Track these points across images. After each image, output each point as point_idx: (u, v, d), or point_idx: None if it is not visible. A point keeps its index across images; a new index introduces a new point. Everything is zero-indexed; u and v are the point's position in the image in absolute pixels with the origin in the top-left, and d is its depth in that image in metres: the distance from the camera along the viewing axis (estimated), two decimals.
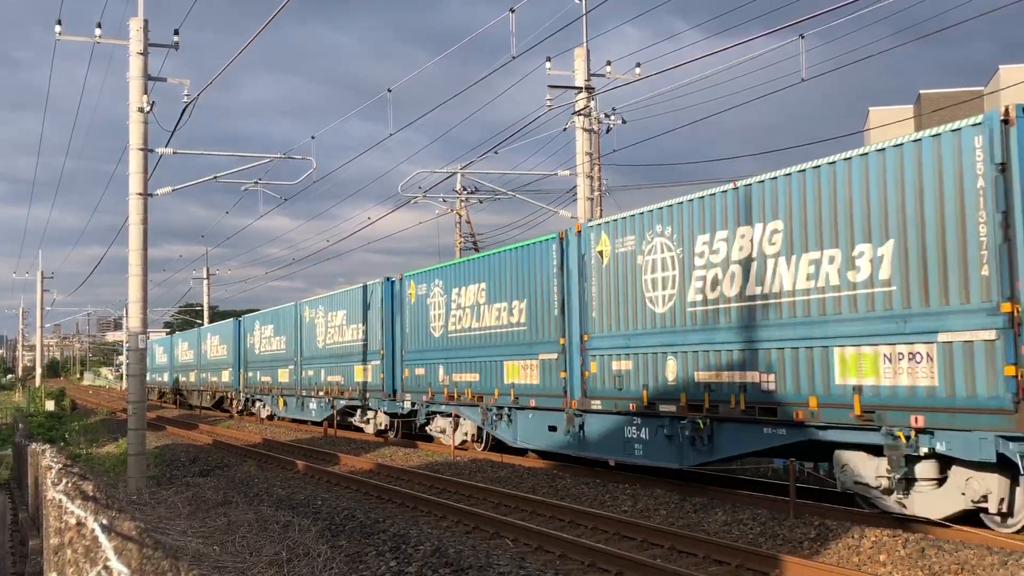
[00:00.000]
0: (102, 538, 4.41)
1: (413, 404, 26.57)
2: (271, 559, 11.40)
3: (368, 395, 29.83)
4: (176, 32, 20.95)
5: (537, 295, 20.38)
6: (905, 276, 12.14)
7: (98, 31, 20.94)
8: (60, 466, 9.65)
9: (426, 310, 25.74)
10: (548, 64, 25.19)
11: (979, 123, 11.26)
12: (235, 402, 46.37)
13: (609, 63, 25.74)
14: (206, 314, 71.35)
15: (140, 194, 21.03)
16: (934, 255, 11.80)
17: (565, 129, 25.97)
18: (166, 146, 22.04)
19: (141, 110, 20.88)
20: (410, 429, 28.47)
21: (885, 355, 12.33)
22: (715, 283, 15.21)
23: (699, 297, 15.59)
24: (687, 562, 11.72)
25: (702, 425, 15.29)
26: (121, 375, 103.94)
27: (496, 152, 31.18)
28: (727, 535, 12.88)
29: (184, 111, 20.93)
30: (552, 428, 19.80)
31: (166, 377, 65.68)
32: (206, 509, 16.37)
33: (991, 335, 11.05)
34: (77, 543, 5.26)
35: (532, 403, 20.45)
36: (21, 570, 12.35)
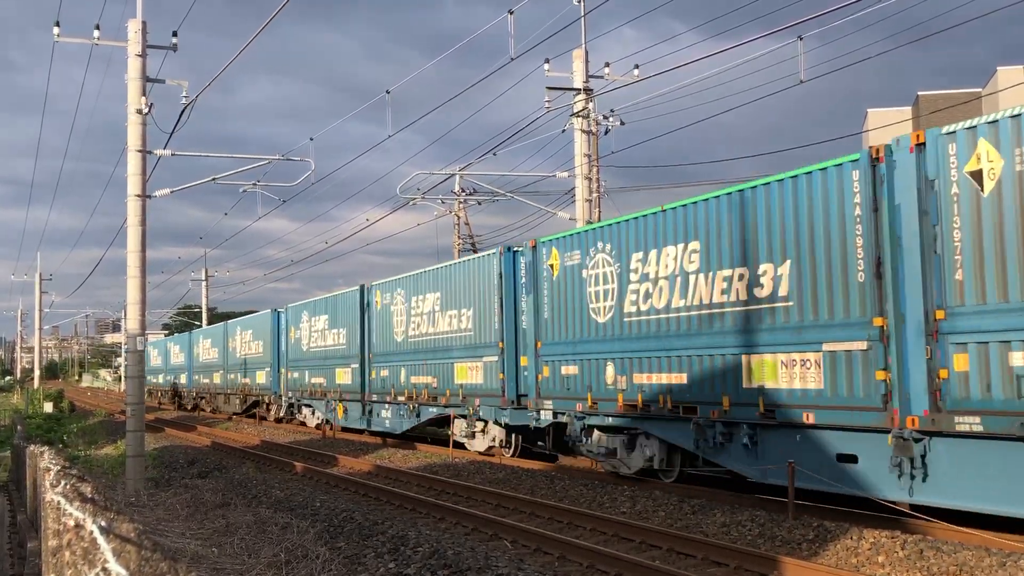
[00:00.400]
0: (100, 540, 4.41)
1: (556, 415, 20.02)
2: (270, 561, 11.39)
3: (478, 401, 23.01)
4: (175, 34, 20.96)
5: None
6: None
7: (96, 33, 20.94)
8: (58, 468, 9.65)
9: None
10: (547, 66, 25.21)
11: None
12: (274, 407, 40.26)
13: (608, 65, 25.76)
14: (204, 315, 71.35)
15: (139, 196, 21.03)
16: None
17: (563, 131, 26.00)
18: (165, 148, 22.04)
19: (140, 112, 20.88)
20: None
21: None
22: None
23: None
24: (686, 563, 11.72)
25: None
26: (120, 377, 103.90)
27: (495, 154, 31.24)
28: (725, 536, 12.88)
29: (183, 113, 20.94)
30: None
31: (183, 379, 59.08)
32: (205, 511, 16.36)
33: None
34: (76, 545, 5.26)
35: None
36: (20, 572, 12.35)
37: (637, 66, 25.45)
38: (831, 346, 13.16)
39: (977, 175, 11.31)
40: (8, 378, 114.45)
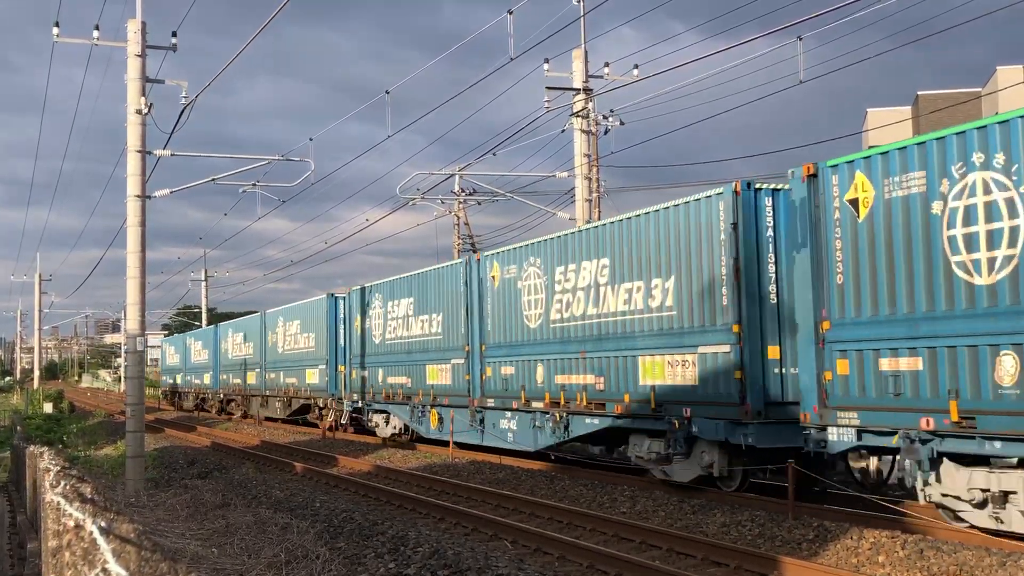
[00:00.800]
0: (100, 540, 4.41)
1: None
2: (270, 561, 11.39)
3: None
4: (174, 34, 20.95)
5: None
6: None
7: (96, 33, 20.93)
8: (58, 468, 9.65)
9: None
10: (546, 66, 25.20)
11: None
12: (330, 413, 33.25)
13: (607, 65, 25.76)
14: (204, 316, 71.36)
15: (138, 196, 21.02)
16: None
17: (563, 131, 26.00)
18: (164, 148, 22.04)
19: (139, 112, 20.88)
20: None
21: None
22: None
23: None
24: (686, 563, 11.72)
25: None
26: (119, 377, 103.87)
27: (494, 154, 31.25)
28: (726, 536, 12.88)
29: (182, 113, 20.94)
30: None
31: (207, 379, 51.38)
32: (204, 511, 16.35)
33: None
34: (75, 545, 5.26)
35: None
36: (19, 572, 12.34)
37: (636, 66, 25.46)
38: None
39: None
40: (8, 378, 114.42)
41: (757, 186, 15.08)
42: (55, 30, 20.60)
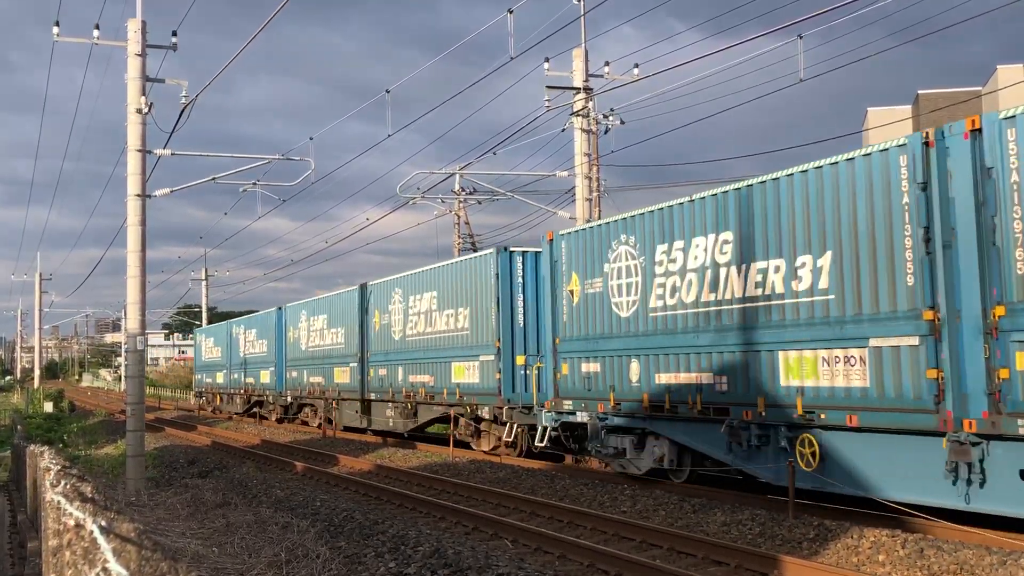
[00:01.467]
0: (101, 540, 4.41)
1: None
2: (270, 560, 11.39)
3: None
4: (174, 33, 20.95)
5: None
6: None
7: (96, 32, 20.93)
8: (59, 467, 9.65)
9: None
10: (546, 65, 25.19)
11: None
12: (509, 427, 22.36)
13: (607, 64, 25.75)
14: (204, 315, 71.37)
15: (138, 195, 21.02)
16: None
17: (563, 130, 25.99)
18: (164, 147, 22.04)
19: (139, 111, 20.88)
20: None
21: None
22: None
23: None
24: (686, 563, 11.72)
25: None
26: (120, 376, 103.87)
27: (495, 153, 31.23)
28: (726, 535, 12.88)
29: (182, 112, 20.94)
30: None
31: (265, 378, 41.09)
32: (205, 510, 16.36)
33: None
34: (76, 545, 5.26)
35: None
36: (20, 572, 12.35)
37: (637, 65, 25.45)
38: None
39: None
40: (8, 378, 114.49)
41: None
42: (55, 29, 20.60)
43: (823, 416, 13.29)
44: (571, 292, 19.11)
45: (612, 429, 17.99)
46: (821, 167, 13.33)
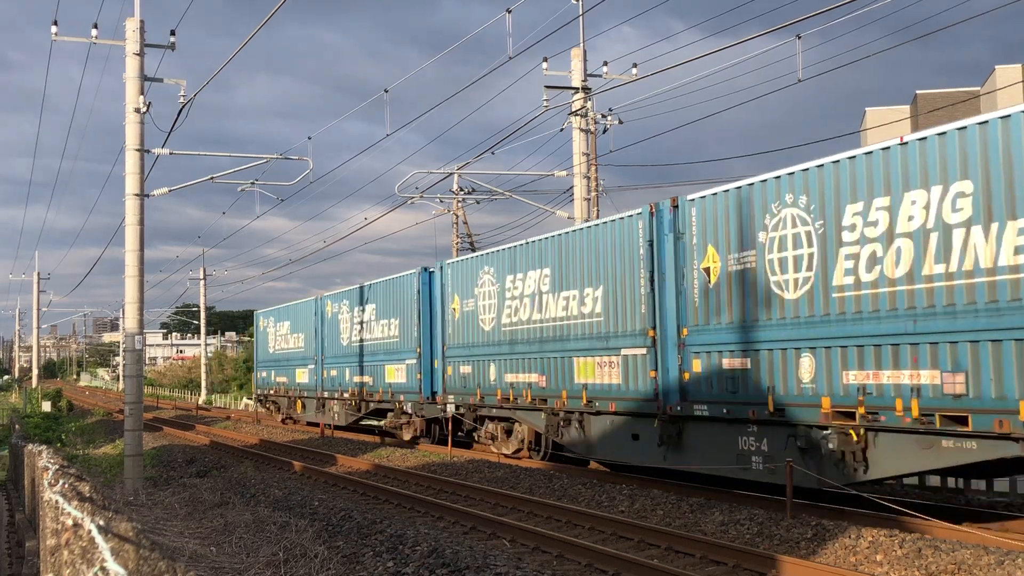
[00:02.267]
0: (99, 539, 4.41)
1: None
2: (268, 560, 11.39)
3: None
4: (172, 32, 20.95)
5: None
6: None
7: (94, 32, 20.92)
8: (57, 467, 9.65)
9: None
10: (545, 64, 25.19)
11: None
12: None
13: (606, 63, 25.75)
14: (203, 315, 71.34)
15: (136, 195, 21.02)
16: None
17: (562, 129, 25.98)
18: (163, 147, 22.04)
19: (137, 111, 20.87)
20: None
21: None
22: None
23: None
24: (684, 562, 11.72)
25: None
26: (118, 376, 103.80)
27: (493, 152, 31.18)
28: (724, 535, 12.89)
29: (181, 111, 20.93)
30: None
31: (394, 374, 27.99)
32: (203, 510, 16.36)
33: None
34: (74, 544, 5.26)
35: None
36: (18, 571, 12.34)
37: (635, 65, 25.46)
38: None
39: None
40: (6, 377, 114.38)
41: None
42: (53, 28, 20.59)
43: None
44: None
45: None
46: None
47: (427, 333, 26.15)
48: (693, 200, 16.06)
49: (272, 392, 41.28)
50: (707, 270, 15.76)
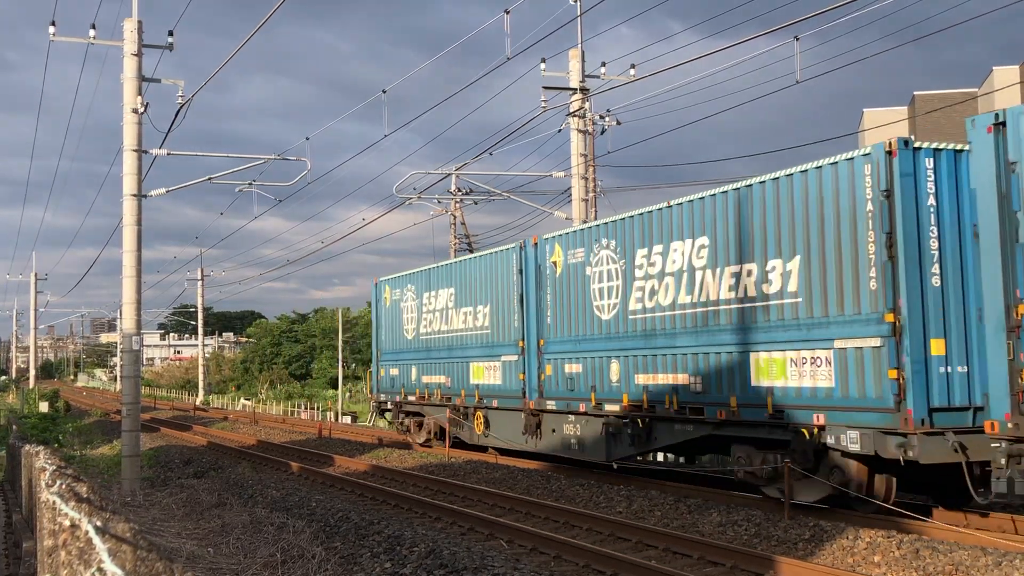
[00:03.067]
0: (96, 540, 4.40)
1: None
2: (266, 561, 11.39)
3: None
4: (170, 33, 20.94)
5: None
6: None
7: (92, 32, 20.91)
8: (54, 468, 9.63)
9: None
10: (543, 65, 25.20)
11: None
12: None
13: (604, 64, 25.76)
14: (200, 315, 71.28)
15: (134, 195, 21.00)
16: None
17: (560, 130, 26.00)
18: (160, 147, 22.02)
19: (135, 111, 20.86)
20: None
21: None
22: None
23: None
24: (682, 563, 11.72)
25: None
26: (115, 376, 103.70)
27: (491, 153, 31.24)
28: (722, 536, 12.88)
29: (179, 112, 20.93)
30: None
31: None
32: (200, 511, 16.34)
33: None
34: (71, 545, 5.25)
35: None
36: (15, 572, 12.33)
37: (633, 65, 25.46)
38: None
39: None
40: (3, 378, 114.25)
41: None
42: (51, 29, 20.58)
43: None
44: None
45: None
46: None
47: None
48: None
49: (415, 398, 26.23)
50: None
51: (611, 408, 17.95)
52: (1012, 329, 11.06)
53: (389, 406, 28.64)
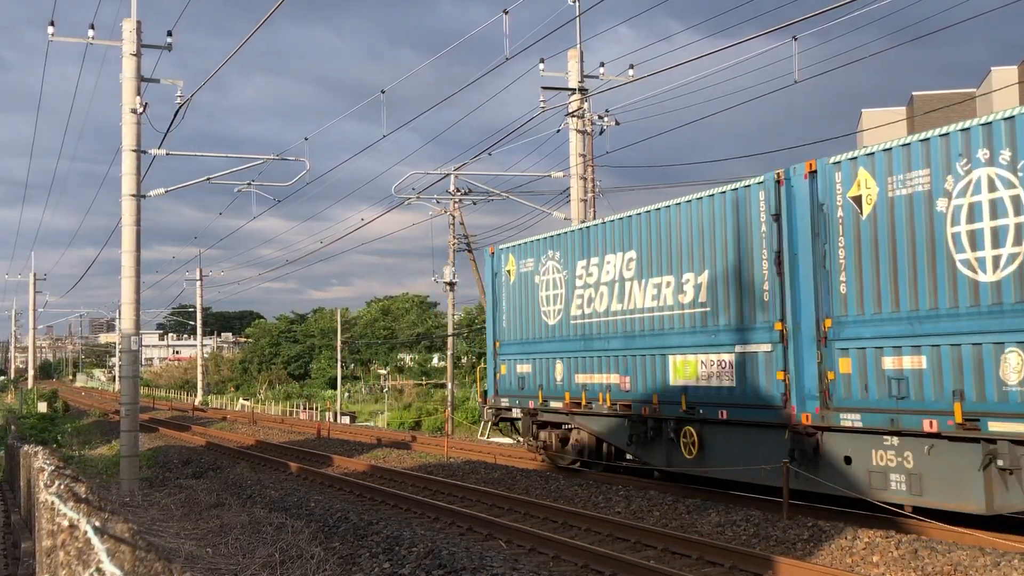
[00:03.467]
0: (95, 540, 4.40)
1: None
2: (264, 561, 11.38)
3: None
4: (169, 33, 20.94)
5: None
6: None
7: (91, 32, 20.91)
8: (53, 468, 9.63)
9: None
10: (542, 65, 25.19)
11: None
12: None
13: (603, 64, 25.76)
14: (199, 316, 71.27)
15: (133, 195, 21.00)
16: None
17: (559, 130, 25.99)
18: (159, 147, 22.01)
19: (134, 111, 20.85)
20: None
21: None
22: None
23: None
24: (680, 563, 11.72)
25: None
26: (114, 377, 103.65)
27: (490, 154, 31.21)
28: (720, 536, 12.89)
29: (178, 112, 20.92)
30: None
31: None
32: (199, 511, 16.34)
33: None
34: (70, 545, 5.25)
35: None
36: (13, 572, 12.32)
37: (632, 66, 25.45)
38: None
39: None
40: (2, 378, 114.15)
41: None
42: (50, 29, 20.58)
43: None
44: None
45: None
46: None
47: None
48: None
49: (562, 404, 19.31)
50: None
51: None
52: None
53: (516, 414, 21.46)
